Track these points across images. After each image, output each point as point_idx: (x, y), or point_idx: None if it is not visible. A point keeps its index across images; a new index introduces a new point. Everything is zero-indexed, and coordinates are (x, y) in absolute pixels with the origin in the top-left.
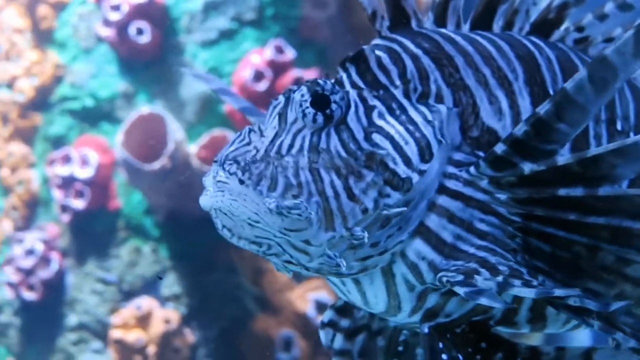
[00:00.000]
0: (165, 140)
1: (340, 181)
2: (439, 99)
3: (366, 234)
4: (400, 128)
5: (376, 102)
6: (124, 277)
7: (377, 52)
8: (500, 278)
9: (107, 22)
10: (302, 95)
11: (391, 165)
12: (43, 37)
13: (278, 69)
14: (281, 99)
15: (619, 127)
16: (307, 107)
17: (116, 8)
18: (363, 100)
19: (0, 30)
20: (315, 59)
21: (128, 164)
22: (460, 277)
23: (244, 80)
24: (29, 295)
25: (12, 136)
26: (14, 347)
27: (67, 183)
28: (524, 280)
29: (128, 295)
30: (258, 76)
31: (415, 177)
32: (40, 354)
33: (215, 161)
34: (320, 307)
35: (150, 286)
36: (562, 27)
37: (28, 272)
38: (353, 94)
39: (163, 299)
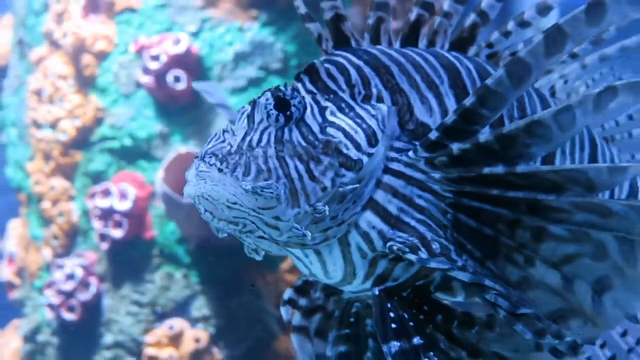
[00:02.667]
0: None
1: (302, 165)
2: (380, 100)
3: (327, 208)
4: (350, 121)
5: (328, 104)
6: (157, 300)
7: (326, 65)
8: (438, 258)
9: (146, 70)
10: (267, 100)
11: (344, 150)
12: (86, 83)
13: None
14: (247, 106)
15: None
16: (271, 109)
17: (155, 58)
18: (317, 102)
19: (45, 76)
20: None
21: (167, 197)
22: (407, 249)
23: None
24: (69, 316)
25: (54, 172)
26: None
27: (107, 214)
28: (452, 260)
29: (161, 316)
30: None
31: (365, 159)
32: None
33: (196, 157)
34: None
35: (181, 308)
36: (476, 44)
37: (68, 295)
38: (308, 98)
39: (193, 320)
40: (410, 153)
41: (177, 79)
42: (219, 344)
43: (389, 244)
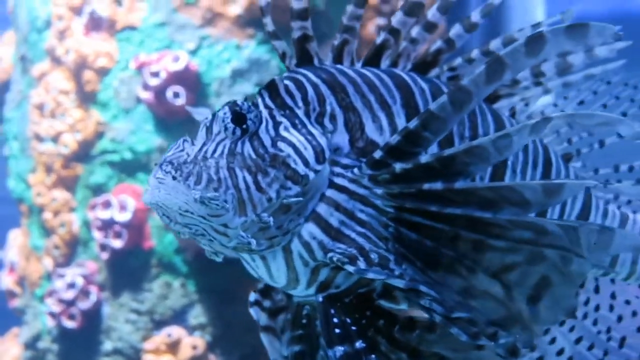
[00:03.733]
0: None
1: (250, 177)
2: (333, 117)
3: (271, 219)
4: (301, 138)
5: (283, 119)
6: (156, 308)
7: (285, 82)
8: (374, 269)
9: (146, 87)
10: (225, 113)
11: (292, 164)
12: (87, 98)
13: None
14: (209, 117)
15: None
16: (228, 122)
17: (155, 74)
18: (272, 117)
19: (47, 91)
20: None
21: None
22: (346, 260)
23: None
24: (69, 324)
25: (56, 184)
26: None
27: (107, 225)
28: (389, 269)
29: (159, 324)
30: None
31: (311, 175)
32: None
33: (156, 164)
34: None
35: (178, 316)
36: (438, 67)
37: (69, 303)
38: (265, 112)
39: (190, 328)
40: (355, 170)
41: (176, 95)
42: (215, 351)
43: (329, 255)
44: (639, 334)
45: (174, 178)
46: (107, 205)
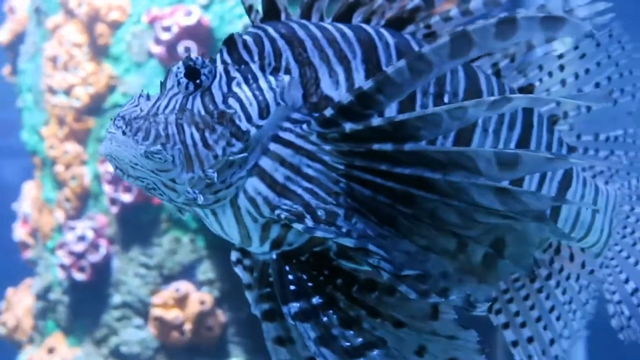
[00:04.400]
0: None
1: (198, 134)
2: (288, 71)
3: (216, 175)
4: (249, 93)
5: (237, 75)
6: (165, 263)
7: (244, 37)
8: (321, 226)
9: (158, 41)
10: (178, 68)
11: (237, 121)
12: (99, 51)
13: None
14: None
15: (446, 100)
16: (182, 77)
17: (167, 29)
18: (227, 72)
19: (60, 43)
20: None
21: None
22: (293, 218)
23: None
24: (79, 276)
25: (67, 137)
26: (62, 322)
27: (117, 179)
28: (336, 226)
29: (167, 279)
30: None
31: (253, 130)
32: (86, 328)
33: (111, 119)
34: None
35: (187, 272)
36: (414, 24)
37: (79, 256)
38: (220, 67)
39: (199, 284)
40: (304, 126)
41: (187, 50)
42: (223, 307)
43: (276, 211)
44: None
45: (124, 133)
46: None
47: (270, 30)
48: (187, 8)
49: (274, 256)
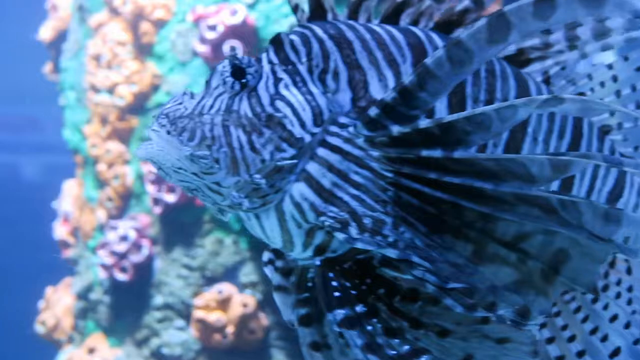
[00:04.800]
0: None
1: (245, 136)
2: (336, 75)
3: (264, 180)
4: (300, 97)
5: (284, 75)
6: (207, 264)
7: (291, 36)
8: (366, 235)
9: (203, 40)
10: (224, 67)
11: (288, 126)
12: (143, 50)
13: None
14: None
15: None
16: (227, 76)
17: (212, 28)
18: (274, 73)
19: (103, 41)
20: None
21: None
22: (338, 225)
23: None
24: (121, 277)
25: (110, 135)
26: (102, 322)
27: (160, 179)
28: (382, 235)
29: (210, 280)
30: None
31: (307, 138)
32: (127, 328)
33: (153, 116)
34: None
35: (230, 273)
36: (462, 27)
37: (121, 256)
38: (267, 68)
39: (241, 286)
40: (350, 129)
41: (233, 50)
42: (265, 309)
43: (320, 218)
44: None
45: (168, 132)
46: None
47: (318, 30)
48: (232, 7)
49: (318, 263)
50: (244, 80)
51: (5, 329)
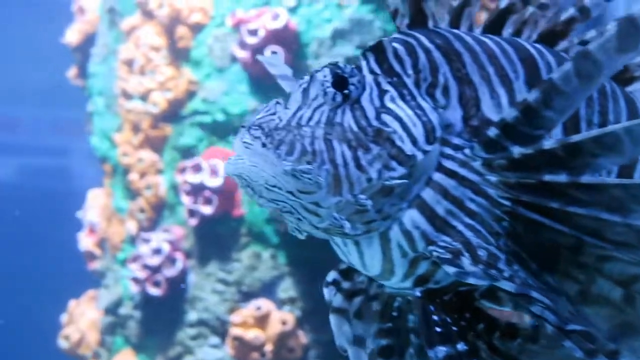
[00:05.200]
0: None
1: (349, 152)
2: (445, 90)
3: (370, 202)
4: (410, 112)
5: (389, 87)
6: (244, 279)
7: (394, 44)
8: (480, 267)
9: (243, 45)
10: (325, 76)
11: (398, 142)
12: (179, 55)
13: None
14: (307, 78)
15: None
16: (328, 87)
17: (253, 33)
18: (378, 84)
19: (136, 46)
20: None
21: None
22: (448, 256)
23: None
24: (154, 291)
25: (143, 144)
26: (132, 338)
27: (197, 190)
28: (497, 270)
29: (246, 296)
30: None
31: (419, 156)
32: (159, 345)
33: (243, 127)
34: None
35: (267, 289)
36: (567, 40)
37: (154, 270)
38: (369, 78)
39: (279, 302)
40: (467, 151)
41: (274, 54)
42: (304, 327)
43: (429, 248)
44: None
45: (264, 145)
46: (197, 169)
47: (423, 39)
48: (274, 11)
49: (418, 294)
50: (346, 92)
51: (25, 342)
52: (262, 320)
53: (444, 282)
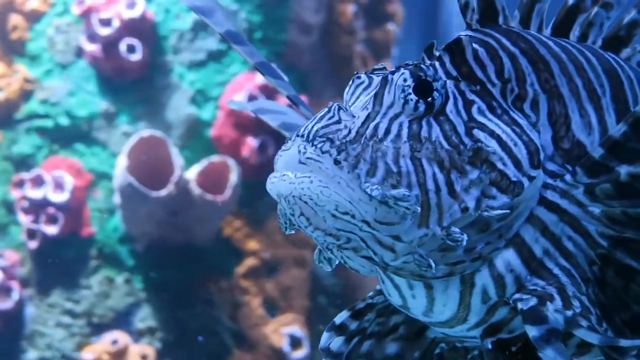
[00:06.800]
0: (170, 165)
1: (442, 175)
2: (535, 104)
3: (465, 237)
4: (507, 128)
5: (474, 98)
6: (94, 309)
7: (474, 45)
8: (569, 312)
9: (93, 37)
10: (405, 80)
11: (499, 165)
12: (12, 49)
13: (270, 94)
14: (365, 78)
15: None
16: (410, 94)
17: (107, 23)
18: (461, 93)
19: None
20: (297, 85)
21: (130, 190)
22: (533, 302)
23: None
24: None
25: None
26: None
27: (38, 207)
28: (590, 323)
29: (98, 329)
30: (251, 101)
31: (525, 182)
32: None
33: (300, 135)
34: (295, 342)
35: (122, 319)
36: (630, 47)
37: None
38: (450, 84)
39: (136, 333)
40: (568, 176)
41: (131, 49)
42: None
43: (515, 296)
44: None
45: (337, 162)
46: (38, 182)
47: (504, 41)
48: None
49: (489, 346)
50: (429, 99)
51: None
52: (118, 356)
53: (518, 330)
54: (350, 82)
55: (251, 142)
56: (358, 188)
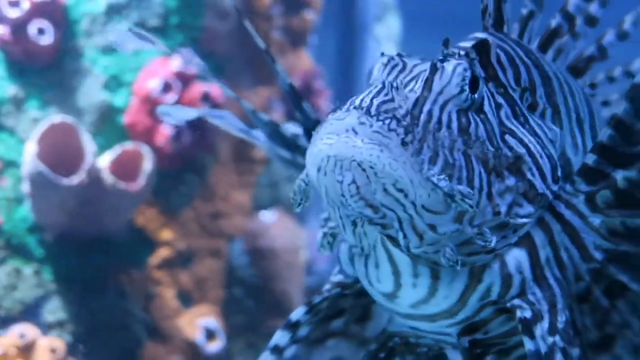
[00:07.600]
0: (81, 153)
1: (486, 175)
2: (542, 117)
3: (494, 238)
4: (532, 139)
5: (502, 101)
6: (1, 302)
7: (498, 49)
8: (550, 340)
9: (1, 19)
10: (465, 70)
11: (529, 175)
12: None
13: (185, 80)
14: (400, 61)
15: None
16: (466, 85)
17: (15, 4)
18: (492, 94)
19: None
20: (215, 72)
21: (40, 177)
22: (529, 315)
23: (149, 90)
24: None
25: None
26: None
27: None
28: (570, 343)
29: (5, 322)
30: (166, 88)
31: (549, 195)
32: None
33: (357, 108)
34: (209, 333)
35: (31, 311)
36: (582, 79)
37: None
38: (481, 83)
39: (45, 326)
40: (568, 186)
41: (41, 32)
42: (77, 354)
43: (515, 301)
44: None
45: (404, 143)
46: None
47: (519, 50)
48: None
49: (466, 344)
50: (476, 95)
51: None
52: (27, 350)
53: (493, 332)
54: (385, 62)
55: (166, 130)
56: (419, 173)
